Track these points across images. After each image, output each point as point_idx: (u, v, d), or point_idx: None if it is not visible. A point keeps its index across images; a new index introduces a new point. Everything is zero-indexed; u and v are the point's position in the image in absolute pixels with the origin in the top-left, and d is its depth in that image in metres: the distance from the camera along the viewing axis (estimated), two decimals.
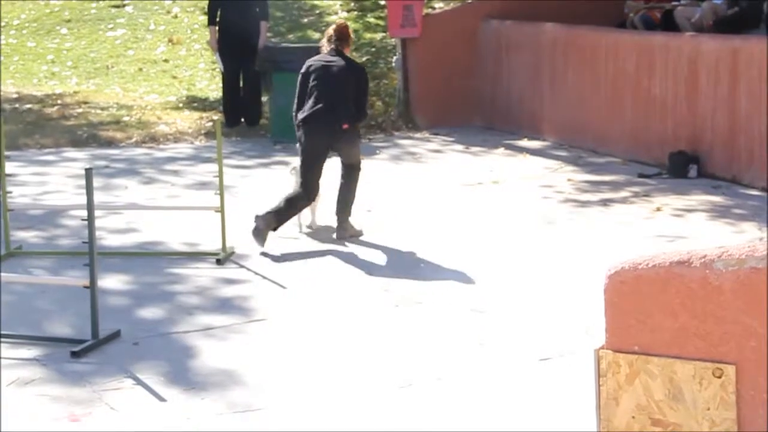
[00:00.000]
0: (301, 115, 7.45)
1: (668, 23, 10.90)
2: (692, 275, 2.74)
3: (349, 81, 7.44)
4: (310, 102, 7.40)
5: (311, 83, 7.44)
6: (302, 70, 7.58)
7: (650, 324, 2.82)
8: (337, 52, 7.54)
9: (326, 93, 7.37)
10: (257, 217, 7.30)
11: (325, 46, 7.64)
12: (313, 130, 7.40)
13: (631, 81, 10.32)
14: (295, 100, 7.57)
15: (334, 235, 7.56)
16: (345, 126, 7.38)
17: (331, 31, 7.68)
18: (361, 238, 7.58)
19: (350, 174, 7.63)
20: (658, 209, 8.44)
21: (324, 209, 7.86)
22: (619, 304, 2.86)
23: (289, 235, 7.68)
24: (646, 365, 2.83)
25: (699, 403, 2.78)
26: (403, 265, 6.95)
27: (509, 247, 7.38)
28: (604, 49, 10.69)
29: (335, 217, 7.61)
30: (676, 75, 9.79)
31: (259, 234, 7.23)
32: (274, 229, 7.36)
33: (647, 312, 2.82)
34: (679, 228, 7.86)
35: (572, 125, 11.18)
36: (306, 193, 7.50)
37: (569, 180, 9.61)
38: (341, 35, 7.60)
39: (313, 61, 7.56)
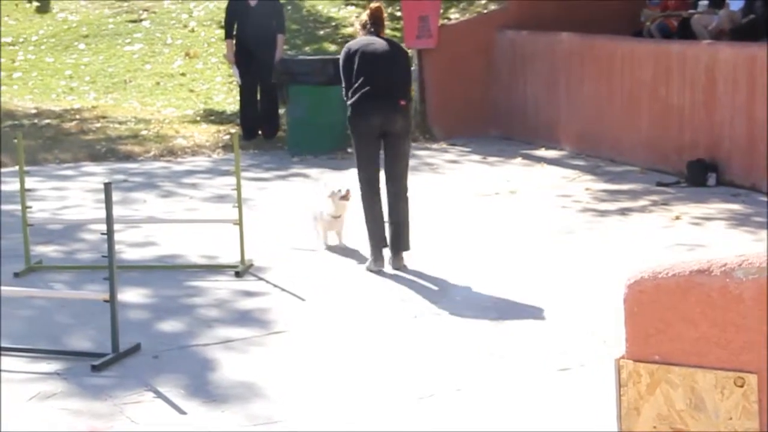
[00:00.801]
0: (353, 97, 7.06)
1: (685, 31, 10.88)
2: (712, 284, 2.73)
3: (395, 59, 7.15)
4: (361, 83, 7.02)
5: (358, 65, 7.05)
6: (345, 53, 7.18)
7: (670, 333, 2.81)
8: (375, 35, 7.22)
9: (377, 72, 7.04)
10: (372, 262, 7.12)
11: (361, 32, 7.32)
12: (368, 110, 7.01)
13: (649, 89, 10.30)
14: (343, 85, 7.19)
15: (390, 264, 7.09)
16: (402, 102, 7.06)
17: (365, 16, 7.33)
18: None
19: (399, 193, 7.17)
20: (677, 218, 8.41)
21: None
22: (639, 314, 2.85)
23: (308, 248, 7.69)
24: (667, 375, 2.81)
25: (721, 412, 2.76)
26: (422, 276, 6.94)
27: (527, 257, 7.36)
28: (621, 58, 10.68)
29: (391, 249, 7.13)
30: (693, 83, 9.77)
31: (379, 263, 7.10)
32: (384, 245, 7.14)
33: (667, 321, 2.81)
34: (699, 236, 7.83)
35: (589, 134, 11.16)
36: (368, 186, 7.13)
37: (587, 189, 9.59)
38: (377, 19, 7.25)
39: (354, 44, 7.20)
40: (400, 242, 7.13)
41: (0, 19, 16.89)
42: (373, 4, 7.38)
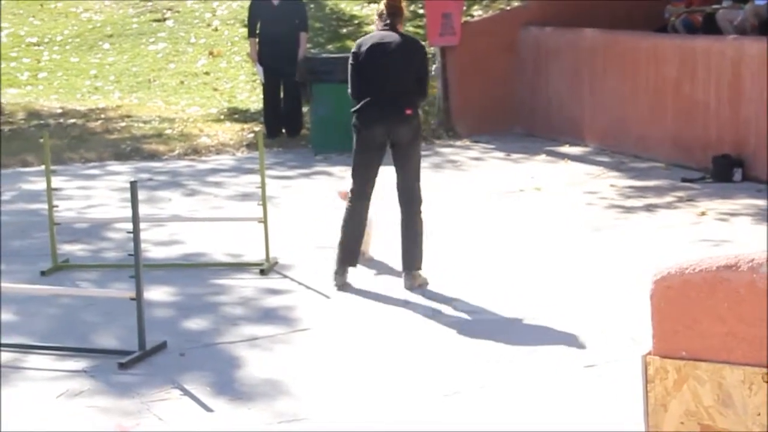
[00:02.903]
0: (357, 104, 6.61)
1: (710, 27, 10.82)
2: (740, 279, 2.72)
3: (408, 59, 6.62)
4: (367, 88, 6.57)
5: (365, 65, 6.59)
6: (354, 50, 6.70)
7: (698, 329, 2.80)
8: (391, 28, 6.70)
9: (384, 75, 6.55)
10: (335, 276, 6.73)
11: (378, 24, 6.82)
12: (371, 119, 6.55)
13: (673, 85, 10.25)
14: (349, 84, 6.70)
15: (403, 284, 6.64)
16: (408, 111, 6.55)
17: (382, 6, 6.76)
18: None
19: (411, 208, 6.66)
20: (703, 214, 8.37)
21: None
22: (666, 310, 2.84)
23: (332, 245, 7.68)
24: (694, 371, 2.80)
25: (749, 408, 2.75)
26: (446, 273, 6.93)
27: (553, 254, 7.35)
28: (645, 54, 10.63)
29: (403, 267, 6.67)
30: (718, 78, 9.71)
31: (341, 281, 6.70)
32: (351, 263, 6.73)
33: (694, 317, 2.80)
34: (725, 232, 7.79)
35: (614, 130, 11.11)
36: (356, 195, 6.68)
37: (612, 186, 9.55)
38: (394, 10, 6.70)
39: (365, 40, 6.72)
40: (411, 260, 6.65)
41: None
42: None
